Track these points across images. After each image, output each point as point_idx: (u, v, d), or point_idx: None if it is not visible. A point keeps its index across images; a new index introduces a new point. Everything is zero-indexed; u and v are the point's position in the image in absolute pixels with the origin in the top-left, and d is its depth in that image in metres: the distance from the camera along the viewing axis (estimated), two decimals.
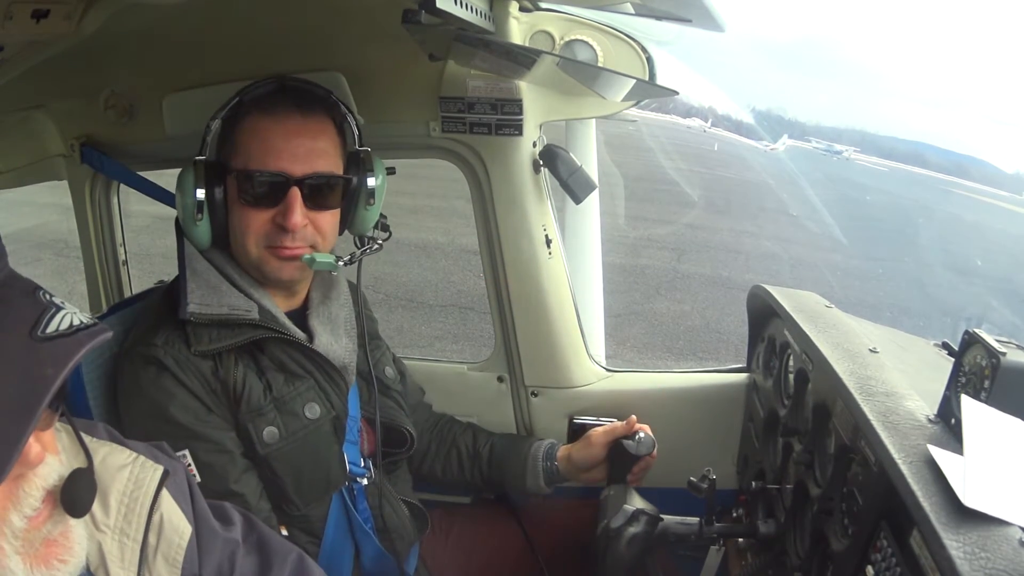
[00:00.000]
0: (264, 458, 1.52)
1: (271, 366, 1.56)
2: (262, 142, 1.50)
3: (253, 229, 1.52)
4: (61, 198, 2.39)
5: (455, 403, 2.15)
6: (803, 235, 12.40)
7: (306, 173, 1.50)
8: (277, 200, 1.50)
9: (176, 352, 1.48)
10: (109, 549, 0.98)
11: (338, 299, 1.71)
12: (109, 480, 1.00)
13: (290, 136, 1.50)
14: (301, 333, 1.60)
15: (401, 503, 1.76)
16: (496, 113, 1.84)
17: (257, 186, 1.49)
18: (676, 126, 25.80)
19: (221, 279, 1.56)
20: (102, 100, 2.03)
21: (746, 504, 1.87)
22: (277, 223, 1.50)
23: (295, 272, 1.58)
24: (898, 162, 31.18)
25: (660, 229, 11.21)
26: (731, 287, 8.54)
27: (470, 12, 1.41)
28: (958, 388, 1.23)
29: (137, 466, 1.04)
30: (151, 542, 1.02)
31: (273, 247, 1.53)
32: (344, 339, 1.67)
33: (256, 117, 1.51)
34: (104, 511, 0.99)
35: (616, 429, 1.84)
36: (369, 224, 1.69)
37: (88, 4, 1.28)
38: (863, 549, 1.19)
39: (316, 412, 1.57)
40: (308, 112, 1.52)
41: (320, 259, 1.55)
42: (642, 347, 6.77)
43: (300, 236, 1.52)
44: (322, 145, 1.53)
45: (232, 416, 1.51)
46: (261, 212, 1.51)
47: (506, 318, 2.08)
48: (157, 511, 1.03)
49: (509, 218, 1.96)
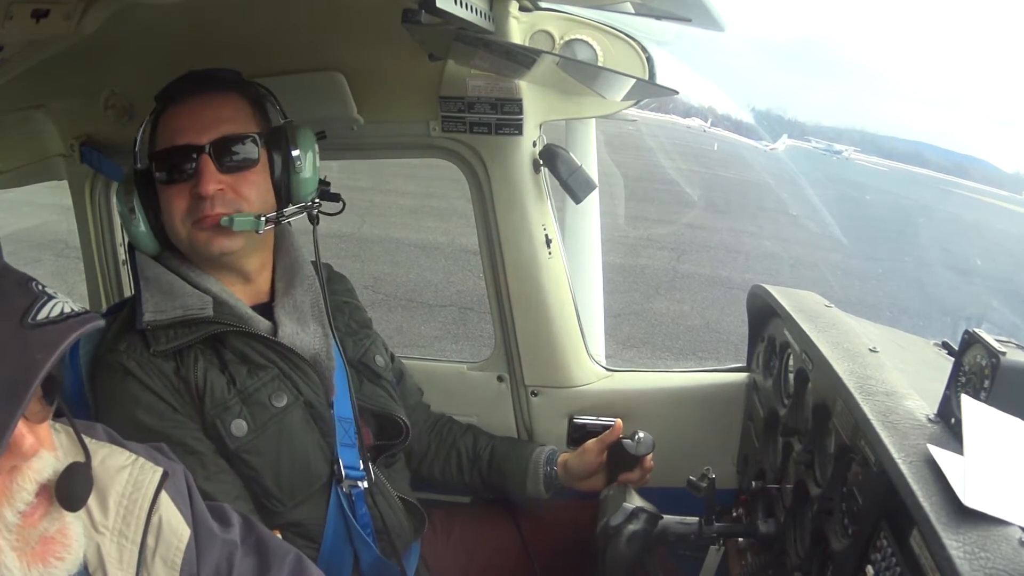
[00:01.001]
0: (235, 453, 1.51)
1: (233, 359, 1.55)
2: (169, 124, 1.54)
3: (176, 207, 1.53)
4: (61, 198, 2.39)
5: (455, 403, 2.15)
6: (803, 235, 12.40)
7: (212, 139, 1.51)
8: (191, 173, 1.51)
9: (138, 356, 1.50)
10: (108, 551, 0.97)
11: (302, 285, 1.68)
12: (108, 482, 1.00)
13: (195, 112, 1.53)
14: (265, 322, 1.61)
15: (398, 500, 1.75)
16: (496, 113, 1.84)
17: (169, 162, 1.52)
18: (676, 126, 25.79)
19: (174, 279, 1.57)
20: (102, 100, 2.03)
21: (746, 504, 1.87)
22: (194, 194, 1.51)
23: (224, 243, 1.54)
24: (898, 162, 31.18)
25: (660, 229, 11.21)
26: (731, 287, 8.54)
27: (470, 12, 1.41)
28: (958, 388, 1.23)
29: (136, 468, 1.03)
30: (149, 544, 1.02)
31: (196, 220, 1.52)
32: (312, 325, 1.66)
33: (165, 108, 1.56)
34: (103, 512, 0.98)
35: (607, 438, 1.84)
36: (305, 191, 1.62)
37: (88, 4, 1.28)
38: (863, 549, 1.19)
39: (284, 400, 1.57)
40: (212, 89, 1.56)
41: (239, 219, 1.52)
42: (641, 346, 6.76)
43: (220, 202, 1.51)
44: (228, 113, 1.55)
45: (199, 414, 1.51)
46: (179, 188, 1.52)
47: (506, 318, 2.08)
48: (156, 513, 1.03)
49: (509, 218, 1.96)
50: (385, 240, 9.18)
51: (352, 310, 1.85)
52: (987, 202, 23.57)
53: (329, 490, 1.64)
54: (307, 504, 1.61)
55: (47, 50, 1.42)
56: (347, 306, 1.84)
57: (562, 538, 1.98)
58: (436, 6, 1.23)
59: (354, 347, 1.77)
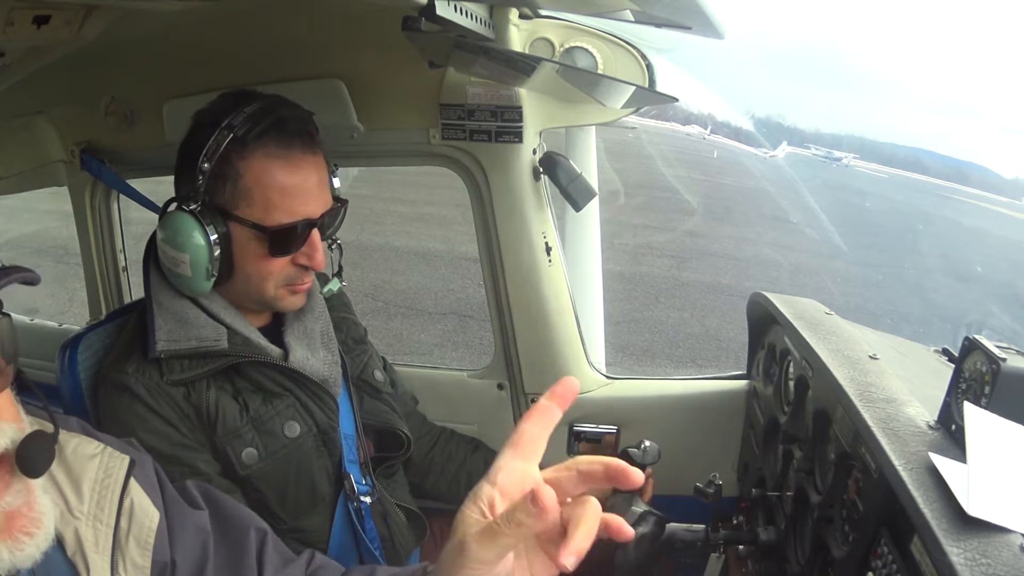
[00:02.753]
0: (246, 479, 1.50)
1: (247, 387, 1.53)
2: (283, 190, 1.42)
3: (275, 274, 1.49)
4: (61, 204, 2.40)
5: (455, 411, 2.14)
6: (803, 242, 12.41)
7: (323, 212, 1.48)
8: (302, 244, 1.47)
9: (147, 380, 1.45)
10: (84, 534, 0.98)
11: (312, 312, 1.66)
12: (81, 469, 1.01)
13: (308, 178, 1.45)
14: (276, 349, 1.57)
15: (398, 509, 1.75)
16: (496, 120, 1.84)
17: (289, 237, 1.45)
18: (675, 133, 25.87)
19: (189, 307, 1.50)
20: (102, 106, 2.03)
21: (746, 511, 1.86)
22: (299, 264, 1.49)
23: (304, 301, 1.59)
24: (898, 168, 31.21)
25: (660, 236, 11.23)
26: (731, 294, 8.54)
27: (470, 19, 1.42)
28: (958, 394, 1.23)
29: (106, 456, 1.05)
30: (123, 526, 1.03)
31: (292, 285, 1.52)
32: (322, 352, 1.64)
33: (268, 161, 1.41)
34: (78, 498, 0.99)
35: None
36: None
37: (89, 10, 1.28)
38: (864, 556, 1.18)
39: (296, 431, 1.54)
40: (315, 147, 1.47)
41: (335, 287, 1.61)
42: (641, 354, 6.76)
43: (321, 269, 1.53)
44: (325, 176, 1.51)
45: (208, 440, 1.49)
46: (285, 258, 1.48)
47: (506, 325, 2.08)
48: (128, 497, 1.04)
49: (509, 225, 1.96)
50: (385, 248, 9.18)
51: (349, 326, 1.83)
52: (987, 208, 23.58)
53: (334, 504, 1.64)
54: (311, 518, 1.61)
55: (48, 56, 1.42)
56: (344, 322, 1.82)
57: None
58: (436, 13, 1.23)
59: (352, 364, 1.76)
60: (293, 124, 1.44)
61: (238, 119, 1.41)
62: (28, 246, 7.82)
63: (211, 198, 1.43)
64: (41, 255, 7.54)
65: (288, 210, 1.43)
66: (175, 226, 1.42)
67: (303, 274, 1.51)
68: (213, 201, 1.43)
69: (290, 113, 1.46)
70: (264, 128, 1.41)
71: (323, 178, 1.49)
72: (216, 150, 1.40)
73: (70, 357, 1.59)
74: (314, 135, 1.48)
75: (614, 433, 2.14)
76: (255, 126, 1.41)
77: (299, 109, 1.49)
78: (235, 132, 1.40)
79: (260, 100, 1.45)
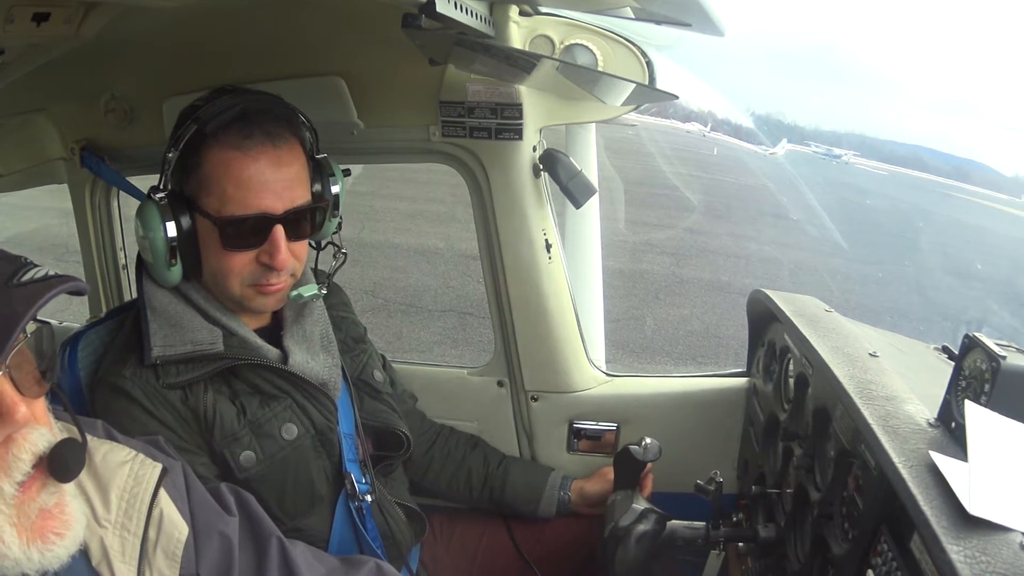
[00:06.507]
0: (244, 482, 1.48)
1: (245, 390, 1.52)
2: (238, 182, 1.40)
3: (236, 271, 1.46)
4: (62, 202, 2.39)
5: (455, 408, 2.15)
6: (803, 239, 12.40)
7: (287, 209, 1.44)
8: (261, 240, 1.44)
9: (144, 383, 1.45)
10: (111, 544, 0.99)
11: (311, 315, 1.66)
12: (109, 476, 1.02)
13: (266, 171, 1.41)
14: (274, 351, 1.56)
15: (397, 507, 1.75)
16: (496, 117, 1.84)
17: (241, 231, 1.43)
18: (675, 130, 25.80)
19: (184, 310, 1.50)
20: (102, 104, 2.03)
21: (746, 508, 1.87)
22: (262, 262, 1.46)
23: (278, 304, 1.57)
24: (898, 166, 31.15)
25: (660, 234, 11.22)
26: (731, 292, 8.54)
27: (470, 16, 1.42)
28: (958, 392, 1.23)
29: (136, 463, 1.05)
30: (151, 537, 1.03)
31: (258, 285, 1.49)
32: (321, 355, 1.63)
33: (224, 152, 1.40)
34: (105, 507, 1.00)
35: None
36: (331, 231, 1.67)
37: (88, 7, 1.28)
38: (863, 553, 1.18)
39: (293, 433, 1.54)
40: (278, 140, 1.43)
41: (307, 293, 1.55)
42: (641, 351, 6.76)
43: (285, 270, 1.49)
44: (295, 171, 1.46)
45: (206, 443, 1.48)
46: (244, 253, 1.45)
47: (506, 322, 2.08)
48: (156, 507, 1.04)
49: (509, 223, 1.96)
50: (385, 245, 9.17)
51: (348, 326, 1.82)
52: (987, 206, 23.55)
53: (334, 503, 1.64)
54: (310, 518, 1.61)
55: (47, 54, 1.42)
56: (344, 321, 1.81)
57: (561, 539, 1.98)
58: (436, 11, 1.23)
59: (351, 364, 1.76)
60: (258, 116, 1.43)
61: (207, 111, 1.42)
62: (28, 244, 7.79)
63: (181, 189, 1.46)
64: (41, 253, 7.51)
65: (241, 202, 1.41)
66: (141, 215, 1.46)
67: (268, 274, 1.48)
68: (183, 192, 1.46)
69: (257, 106, 1.44)
70: (226, 119, 1.41)
71: (291, 174, 1.45)
72: (181, 140, 1.42)
73: (70, 355, 1.59)
74: (283, 129, 1.45)
75: (614, 430, 2.14)
76: (218, 117, 1.41)
77: (272, 103, 1.48)
78: (199, 123, 1.41)
79: (236, 94, 1.45)
